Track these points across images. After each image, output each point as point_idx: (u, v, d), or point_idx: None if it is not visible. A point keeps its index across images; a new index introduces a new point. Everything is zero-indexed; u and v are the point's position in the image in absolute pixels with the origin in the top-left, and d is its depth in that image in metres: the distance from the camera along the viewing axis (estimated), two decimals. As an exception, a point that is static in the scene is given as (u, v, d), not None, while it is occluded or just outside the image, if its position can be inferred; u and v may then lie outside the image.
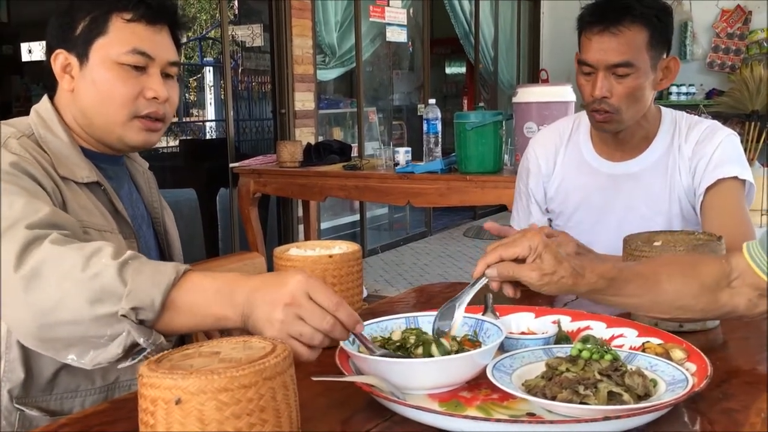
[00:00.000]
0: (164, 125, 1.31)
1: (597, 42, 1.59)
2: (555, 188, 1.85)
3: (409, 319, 1.16)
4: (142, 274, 0.95)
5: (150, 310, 0.94)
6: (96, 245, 0.98)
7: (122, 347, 0.94)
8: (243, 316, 0.95)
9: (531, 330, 1.19)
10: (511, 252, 1.05)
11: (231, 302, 0.95)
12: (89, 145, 1.30)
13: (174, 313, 0.96)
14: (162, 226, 1.44)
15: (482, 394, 0.99)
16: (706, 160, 1.67)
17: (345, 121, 6.33)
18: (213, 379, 0.75)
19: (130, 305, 0.93)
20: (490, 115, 3.48)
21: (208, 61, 10.53)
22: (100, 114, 1.26)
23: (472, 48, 7.72)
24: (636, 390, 0.92)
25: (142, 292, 0.93)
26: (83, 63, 1.25)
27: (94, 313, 0.93)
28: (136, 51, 1.24)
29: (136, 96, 1.25)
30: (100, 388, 1.21)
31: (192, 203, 5.18)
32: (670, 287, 1.09)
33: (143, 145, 1.31)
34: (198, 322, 0.97)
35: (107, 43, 1.24)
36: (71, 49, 1.26)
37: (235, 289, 0.95)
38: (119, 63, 1.24)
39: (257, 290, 0.94)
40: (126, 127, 1.26)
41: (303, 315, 0.92)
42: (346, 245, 1.39)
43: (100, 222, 1.21)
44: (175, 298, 0.95)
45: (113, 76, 1.24)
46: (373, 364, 0.99)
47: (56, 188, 1.17)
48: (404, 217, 7.02)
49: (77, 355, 0.97)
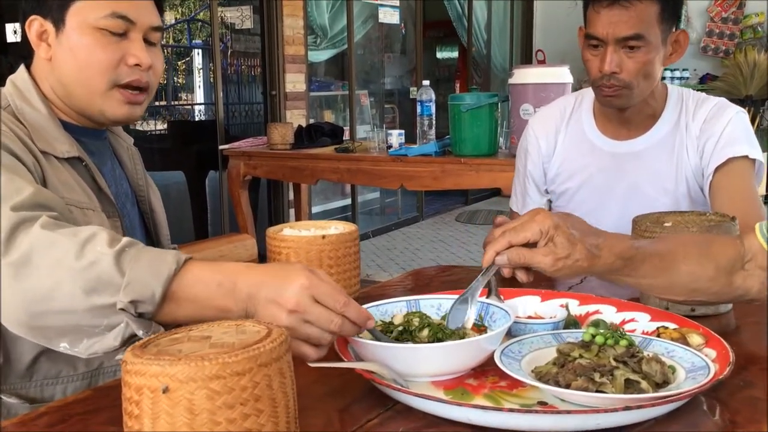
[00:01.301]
0: (148, 97, 1.24)
1: (607, 14, 1.52)
2: (556, 168, 1.79)
3: (410, 303, 1.10)
4: (140, 262, 0.89)
5: (150, 303, 0.88)
6: (90, 231, 0.91)
7: (120, 339, 0.89)
8: (246, 311, 0.90)
9: (538, 314, 1.13)
10: (522, 237, 0.98)
11: (233, 296, 0.89)
12: (69, 118, 1.23)
13: (175, 305, 0.90)
14: (147, 205, 1.37)
15: (489, 382, 0.94)
16: (715, 139, 1.62)
17: (336, 104, 6.25)
18: (203, 365, 0.69)
19: (129, 298, 0.87)
20: (485, 97, 3.41)
21: (197, 43, 10.38)
22: (79, 83, 1.18)
23: (465, 31, 7.63)
24: (654, 377, 0.87)
25: (140, 284, 0.87)
26: (59, 29, 1.18)
27: (90, 303, 0.87)
28: (115, 15, 1.17)
29: (117, 63, 1.18)
30: (83, 374, 1.14)
31: (181, 186, 5.10)
32: (686, 268, 1.03)
33: (126, 119, 1.23)
34: (200, 314, 0.91)
35: (84, 6, 1.17)
36: (46, 14, 1.18)
37: (238, 283, 0.90)
38: (97, 28, 1.16)
39: (260, 286, 0.89)
40: (106, 97, 1.19)
41: (310, 319, 0.88)
42: (342, 225, 1.33)
43: (82, 199, 1.14)
44: (176, 289, 0.89)
45: (91, 42, 1.16)
46: (373, 349, 0.93)
47: (36, 163, 1.10)
48: (396, 202, 6.95)
49: (70, 343, 0.91)
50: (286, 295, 0.87)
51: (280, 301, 0.87)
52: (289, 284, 0.87)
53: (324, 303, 0.88)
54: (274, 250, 1.25)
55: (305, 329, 0.88)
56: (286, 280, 0.88)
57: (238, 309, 0.90)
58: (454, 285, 1.41)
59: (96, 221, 1.14)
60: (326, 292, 0.88)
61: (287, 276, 0.89)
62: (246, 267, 0.92)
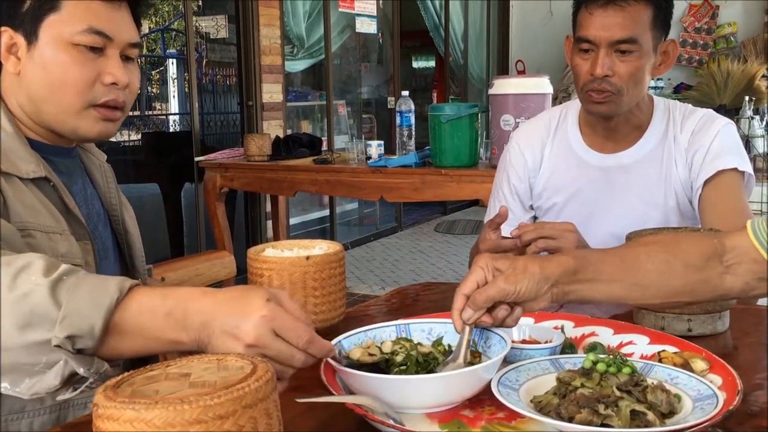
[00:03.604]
0: (123, 114, 1.17)
1: (600, 16, 1.49)
2: (543, 183, 1.75)
3: (399, 327, 1.04)
4: (79, 292, 0.80)
5: (89, 338, 0.79)
6: (25, 259, 0.83)
7: (60, 378, 0.80)
8: (199, 342, 0.81)
9: (532, 338, 1.08)
10: (468, 287, 0.95)
11: (184, 326, 0.81)
12: (37, 136, 1.16)
13: (119, 338, 0.81)
14: (121, 225, 1.29)
15: (486, 413, 0.89)
16: (704, 152, 1.59)
17: (314, 114, 6.19)
18: (183, 409, 0.63)
19: (65, 333, 0.78)
20: (465, 108, 3.37)
21: (171, 53, 10.27)
22: (51, 102, 1.11)
23: (442, 41, 7.62)
24: (660, 407, 0.83)
25: (79, 316, 0.79)
26: (32, 43, 1.11)
27: (24, 340, 0.79)
28: (92, 30, 1.10)
29: (93, 81, 1.11)
30: (50, 407, 1.07)
31: (155, 198, 4.99)
32: (652, 267, 0.98)
33: (99, 137, 1.17)
34: (147, 347, 0.83)
35: (59, 20, 1.10)
36: (17, 26, 1.11)
37: (189, 311, 0.81)
38: (73, 43, 1.10)
39: (214, 316, 0.80)
40: (81, 116, 1.12)
41: (269, 355, 0.80)
42: (327, 245, 1.27)
43: (47, 223, 1.07)
44: (119, 321, 0.81)
45: (66, 59, 1.10)
46: (363, 380, 0.87)
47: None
48: (374, 212, 6.90)
49: (11, 383, 0.82)
50: (244, 328, 0.79)
51: (237, 333, 0.79)
52: (248, 316, 0.80)
53: (286, 338, 0.80)
54: (255, 272, 1.19)
55: None
56: (244, 310, 0.80)
57: (190, 340, 0.81)
58: (441, 304, 1.37)
59: (63, 245, 1.07)
60: (288, 327, 0.80)
61: (247, 305, 0.81)
62: (200, 292, 0.84)
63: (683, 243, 1.03)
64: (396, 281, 5.03)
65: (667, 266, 0.99)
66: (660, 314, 1.19)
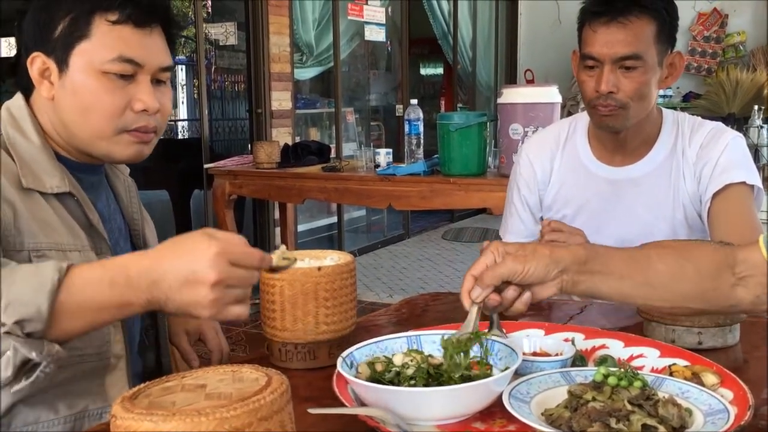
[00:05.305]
0: (156, 136, 1.17)
1: (603, 33, 1.50)
2: (552, 195, 1.75)
3: (411, 339, 1.05)
4: (16, 280, 0.82)
5: (38, 320, 0.81)
6: None
7: (11, 367, 0.81)
8: (151, 302, 0.85)
9: (543, 350, 1.09)
10: (477, 268, 0.96)
11: (131, 288, 0.84)
12: (67, 154, 1.16)
13: (67, 317, 0.84)
14: (141, 239, 1.30)
15: (497, 425, 0.89)
16: (712, 165, 1.59)
17: (322, 122, 6.21)
18: (200, 421, 0.64)
19: (12, 319, 0.80)
20: (474, 116, 3.38)
21: (180, 59, 10.33)
22: (83, 127, 1.11)
23: (451, 48, 7.64)
24: (671, 421, 0.83)
25: (21, 303, 0.81)
26: (63, 70, 1.10)
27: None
28: (122, 59, 1.09)
29: (123, 108, 1.11)
30: (65, 418, 1.06)
31: (165, 205, 5.02)
32: (664, 267, 0.99)
33: (132, 159, 1.17)
34: (98, 319, 0.86)
35: (90, 48, 1.09)
36: (50, 52, 1.10)
37: (131, 273, 0.85)
38: (103, 72, 1.09)
39: (162, 271, 0.84)
40: (113, 141, 1.13)
41: (233, 284, 0.85)
42: (338, 255, 1.27)
43: (64, 240, 1.07)
44: (65, 299, 0.83)
45: (96, 87, 1.09)
46: (375, 392, 0.88)
47: (11, 201, 1.03)
48: (382, 220, 6.91)
49: None
50: (202, 271, 0.83)
51: (197, 278, 0.83)
52: (200, 258, 0.83)
53: (242, 264, 0.85)
54: (266, 282, 1.20)
55: (230, 294, 0.85)
56: (193, 255, 0.84)
57: (141, 301, 0.85)
58: (449, 315, 1.37)
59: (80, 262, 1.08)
60: (241, 253, 0.85)
61: (193, 250, 0.84)
62: (138, 255, 0.88)
63: (695, 250, 1.03)
64: (403, 289, 5.03)
65: (679, 269, 0.99)
66: (671, 326, 1.19)
